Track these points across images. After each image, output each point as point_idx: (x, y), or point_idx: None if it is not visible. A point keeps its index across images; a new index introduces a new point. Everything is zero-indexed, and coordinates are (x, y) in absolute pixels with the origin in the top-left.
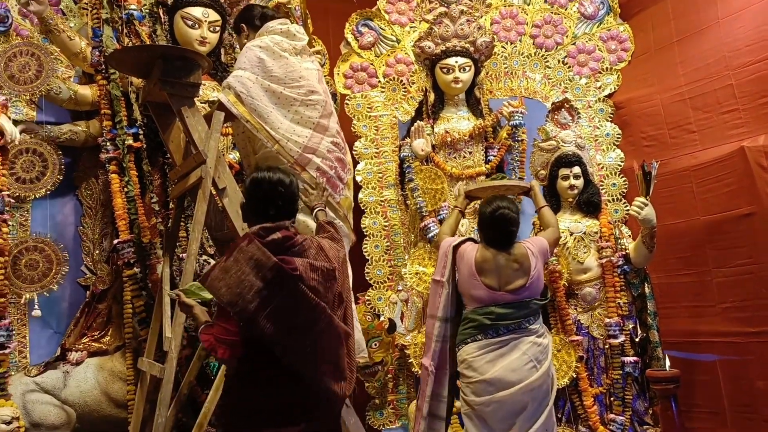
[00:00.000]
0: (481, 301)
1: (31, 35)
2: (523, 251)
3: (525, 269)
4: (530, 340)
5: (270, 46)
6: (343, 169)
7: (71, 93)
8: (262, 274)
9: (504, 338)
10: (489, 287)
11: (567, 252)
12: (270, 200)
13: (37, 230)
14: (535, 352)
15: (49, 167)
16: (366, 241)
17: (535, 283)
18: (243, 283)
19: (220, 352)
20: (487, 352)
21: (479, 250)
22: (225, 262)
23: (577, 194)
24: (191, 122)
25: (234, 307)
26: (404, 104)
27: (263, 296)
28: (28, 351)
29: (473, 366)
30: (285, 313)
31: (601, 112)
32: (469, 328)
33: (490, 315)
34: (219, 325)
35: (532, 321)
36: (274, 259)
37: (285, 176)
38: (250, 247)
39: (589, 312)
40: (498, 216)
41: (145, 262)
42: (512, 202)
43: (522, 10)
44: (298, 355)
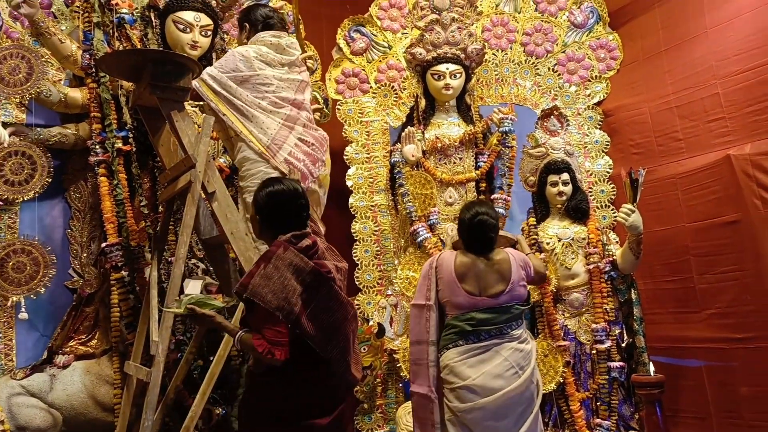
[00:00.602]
0: (462, 307)
1: (21, 38)
2: (504, 256)
3: (504, 274)
4: (512, 346)
5: (250, 58)
6: (313, 164)
7: (61, 96)
8: (302, 278)
9: (485, 344)
10: (469, 293)
11: (555, 258)
12: (291, 212)
13: (25, 233)
14: (517, 358)
15: (38, 170)
16: (356, 245)
17: (516, 289)
18: (287, 288)
19: (278, 354)
20: (467, 357)
21: (458, 256)
22: (264, 270)
23: (566, 200)
24: (181, 126)
25: (282, 311)
26: (395, 110)
27: (304, 299)
28: (15, 354)
29: (455, 371)
30: (323, 312)
31: (590, 120)
32: (450, 334)
33: (471, 321)
34: (270, 329)
35: (514, 326)
36: (311, 264)
37: (297, 185)
38: (288, 254)
39: (576, 317)
40: (477, 222)
41: (133, 266)
42: (491, 207)
43: (513, 18)
44: (334, 350)
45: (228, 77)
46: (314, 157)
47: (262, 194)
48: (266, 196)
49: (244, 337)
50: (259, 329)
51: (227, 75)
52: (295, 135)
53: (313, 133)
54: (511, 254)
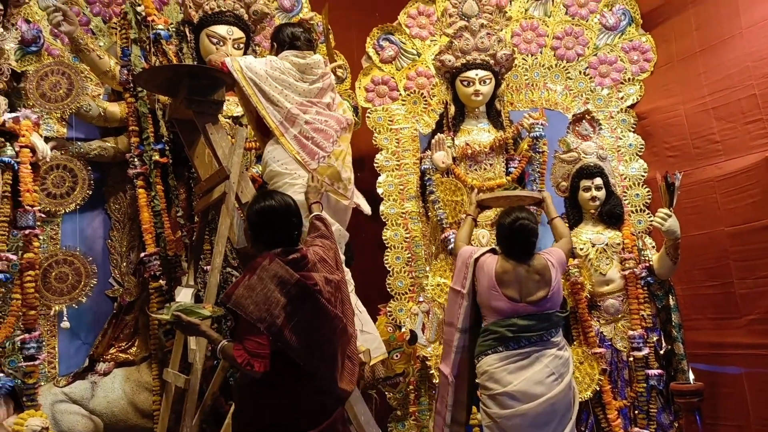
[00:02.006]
0: (502, 312)
1: (62, 55)
2: (544, 263)
3: (546, 280)
4: (552, 352)
5: (271, 69)
6: (326, 140)
7: (100, 110)
8: (286, 290)
9: (526, 350)
10: (510, 299)
11: (589, 263)
12: (281, 228)
13: (67, 244)
14: (557, 365)
15: (79, 182)
16: (387, 252)
17: (556, 295)
18: (269, 299)
19: (257, 365)
20: (508, 363)
21: (499, 262)
22: (249, 281)
23: (599, 205)
24: (215, 138)
25: (263, 322)
26: (425, 117)
27: (288, 311)
28: (57, 362)
29: (495, 377)
30: (307, 325)
31: (624, 123)
32: (489, 340)
33: (512, 327)
34: (251, 340)
35: (554, 333)
36: (296, 276)
37: (290, 200)
38: (273, 266)
39: (612, 324)
40: (517, 227)
41: (170, 275)
42: (531, 213)
43: (543, 22)
44: (320, 363)
45: (254, 62)
46: (327, 134)
47: (253, 209)
48: (256, 211)
49: (225, 347)
50: (241, 340)
51: (255, 62)
52: (308, 116)
53: (329, 113)
54: (549, 260)
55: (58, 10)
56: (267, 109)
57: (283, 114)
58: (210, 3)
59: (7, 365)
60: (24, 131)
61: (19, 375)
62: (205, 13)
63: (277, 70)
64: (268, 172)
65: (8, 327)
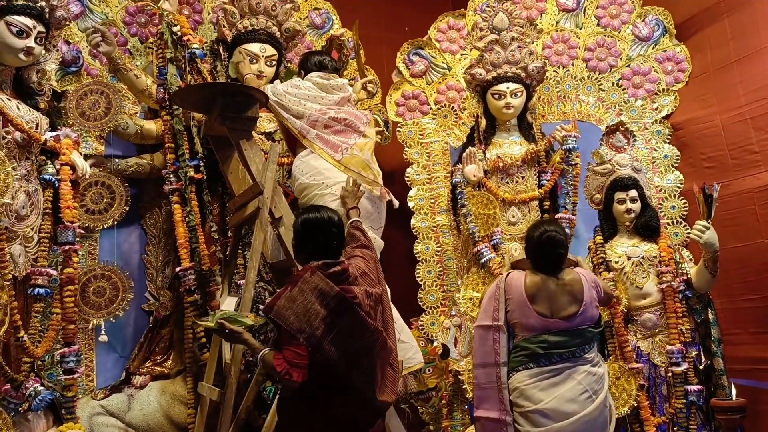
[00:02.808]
0: (533, 329)
1: (100, 74)
2: (575, 276)
3: (576, 295)
4: (585, 369)
5: (290, 87)
6: (349, 134)
7: (137, 128)
8: (326, 302)
9: (557, 367)
10: (541, 315)
11: (625, 277)
12: (324, 240)
13: (105, 259)
14: (591, 382)
15: (117, 199)
16: (418, 266)
17: (588, 310)
18: (310, 311)
19: (296, 375)
20: (539, 380)
21: (528, 276)
22: (290, 292)
23: (634, 218)
24: (249, 155)
25: (302, 333)
26: (455, 130)
27: (327, 323)
28: (95, 375)
29: (526, 394)
30: (347, 337)
31: (659, 134)
32: (520, 356)
33: (543, 343)
34: (290, 350)
35: (587, 349)
36: (336, 289)
37: (334, 215)
38: (314, 278)
39: (649, 338)
40: (546, 238)
41: (205, 289)
42: (559, 225)
43: (574, 34)
44: (359, 375)
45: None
46: (348, 129)
47: (298, 221)
48: (301, 222)
49: (266, 356)
50: (281, 350)
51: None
52: (328, 116)
53: (349, 110)
54: (581, 274)
55: (97, 31)
56: (289, 120)
57: (305, 120)
58: (243, 22)
59: (47, 378)
60: (64, 149)
61: (58, 388)
62: (239, 31)
63: (296, 87)
64: (297, 185)
65: (49, 341)
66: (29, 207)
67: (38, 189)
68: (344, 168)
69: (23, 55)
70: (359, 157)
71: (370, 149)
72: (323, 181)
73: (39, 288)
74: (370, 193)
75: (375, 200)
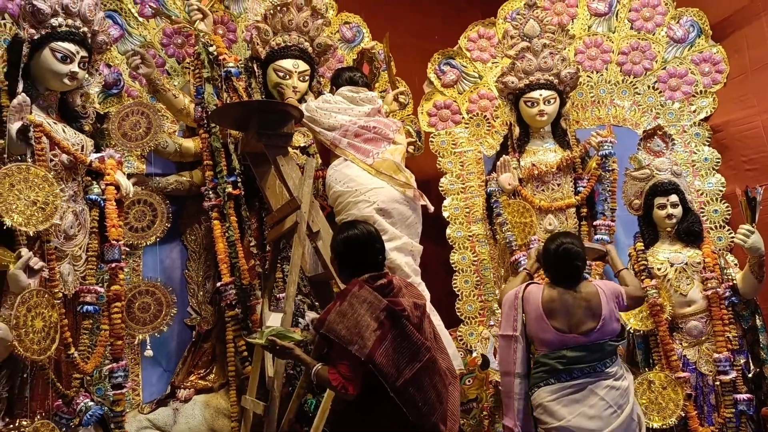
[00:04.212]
0: (551, 344)
1: (140, 95)
2: (593, 290)
3: (595, 310)
4: (607, 384)
5: (321, 103)
6: (379, 141)
7: (176, 146)
8: (375, 315)
9: (578, 382)
10: (558, 330)
11: (668, 284)
12: (366, 255)
13: (149, 275)
14: (614, 397)
15: (158, 216)
16: (455, 276)
17: (607, 325)
18: (360, 324)
19: (351, 389)
20: (561, 396)
21: (545, 290)
22: (340, 307)
23: (676, 223)
24: (286, 170)
25: (353, 345)
26: (489, 139)
27: (378, 335)
28: (141, 389)
29: (549, 410)
30: (397, 349)
31: (698, 137)
32: (540, 372)
33: (562, 359)
34: (344, 364)
35: (609, 364)
36: (385, 302)
37: (371, 227)
38: (362, 292)
39: (695, 347)
40: (562, 250)
41: (245, 303)
42: (576, 237)
43: (607, 38)
44: (408, 388)
45: (309, 102)
46: (378, 136)
47: (338, 239)
48: (342, 241)
49: (320, 371)
50: (335, 364)
51: (310, 102)
52: (358, 125)
53: (378, 118)
54: (600, 287)
55: (137, 53)
56: (321, 133)
57: (336, 131)
58: (276, 39)
59: (95, 393)
60: (109, 170)
61: (107, 403)
62: (272, 48)
63: (327, 102)
64: (332, 193)
65: (97, 357)
66: (77, 227)
67: (85, 209)
68: (376, 172)
69: (68, 79)
70: (390, 161)
71: (401, 153)
72: (356, 188)
73: (88, 305)
74: (404, 195)
75: (411, 204)
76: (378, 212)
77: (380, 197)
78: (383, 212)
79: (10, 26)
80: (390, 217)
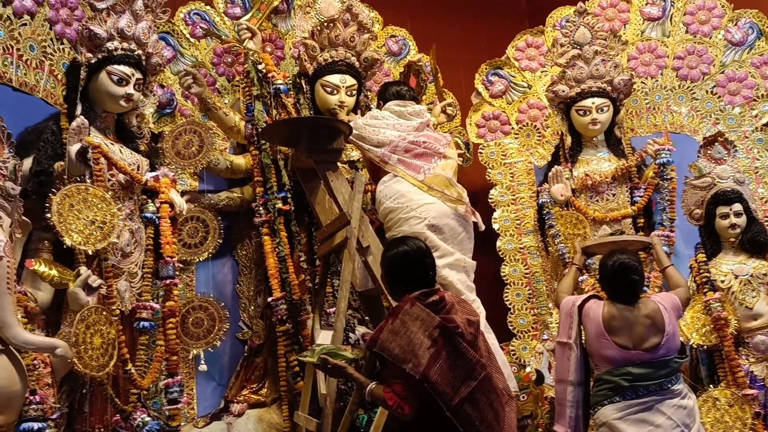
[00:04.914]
0: (614, 361)
1: (192, 114)
2: (654, 306)
3: (658, 325)
4: (674, 402)
5: (369, 119)
6: (430, 157)
7: (228, 163)
8: (428, 332)
9: (644, 400)
10: (621, 347)
11: (733, 297)
12: (417, 271)
13: (201, 290)
14: (682, 416)
15: (211, 232)
16: (506, 289)
17: (671, 340)
18: (413, 342)
19: (407, 408)
20: (627, 414)
21: (605, 307)
22: (392, 325)
23: (740, 233)
24: (335, 185)
25: (407, 363)
26: (539, 149)
27: (432, 353)
28: (196, 403)
29: (615, 429)
30: (449, 367)
31: (760, 143)
32: (604, 390)
33: (627, 376)
34: (398, 383)
35: (674, 381)
36: (438, 319)
37: (420, 243)
38: (414, 309)
39: (763, 362)
40: (618, 267)
41: (296, 318)
42: (633, 253)
43: (661, 42)
44: (464, 405)
45: (357, 119)
46: (429, 151)
47: (387, 256)
48: (392, 258)
49: (374, 390)
50: (389, 383)
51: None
52: (407, 141)
53: (428, 133)
54: (660, 303)
55: (189, 73)
56: (370, 151)
57: (386, 147)
58: (323, 54)
59: (151, 407)
60: (163, 188)
61: (162, 417)
62: (319, 64)
63: (375, 118)
64: (382, 209)
65: (154, 372)
66: (133, 244)
67: (140, 227)
68: (427, 188)
69: (124, 101)
70: (442, 176)
71: (452, 168)
72: (407, 204)
73: (144, 321)
74: (455, 211)
75: (461, 220)
76: (429, 228)
77: (431, 213)
78: (434, 228)
79: (69, 51)
80: (441, 233)
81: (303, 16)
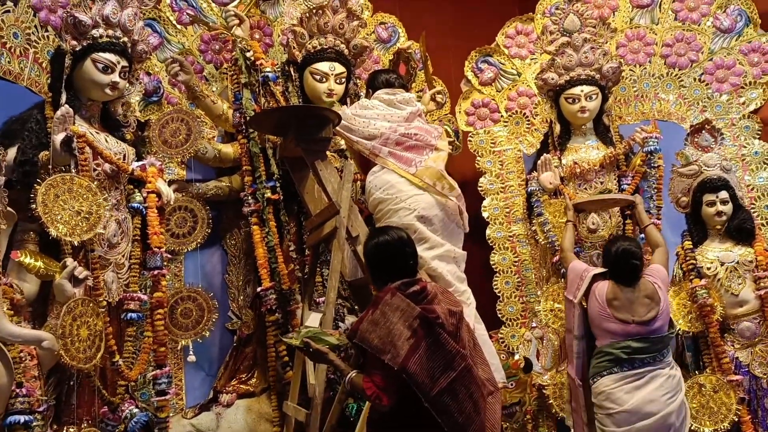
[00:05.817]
0: (615, 334)
1: (180, 102)
2: (651, 287)
3: (654, 297)
4: (666, 372)
5: (358, 109)
6: (421, 149)
7: (216, 152)
8: (408, 323)
9: (640, 371)
10: (621, 321)
11: (719, 284)
12: (397, 261)
13: (190, 281)
14: (671, 385)
15: (199, 222)
16: (496, 277)
17: (665, 314)
18: (392, 333)
19: (385, 399)
20: (623, 384)
21: (609, 287)
22: (372, 315)
23: (726, 221)
24: (324, 175)
25: (386, 354)
26: (528, 137)
27: (411, 344)
28: (184, 393)
29: (612, 398)
30: (428, 358)
31: (747, 130)
32: (604, 361)
33: (626, 349)
34: (378, 374)
35: (666, 353)
36: (418, 309)
37: (402, 233)
38: (395, 300)
39: (748, 348)
40: (621, 251)
41: (285, 308)
42: (633, 239)
43: (650, 30)
44: (443, 397)
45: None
46: (420, 143)
47: (369, 246)
48: (373, 247)
49: (354, 379)
50: (369, 373)
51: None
52: (398, 133)
53: (419, 125)
54: (655, 283)
55: (176, 61)
56: (359, 143)
57: (376, 140)
58: (312, 42)
59: (139, 398)
60: (150, 178)
61: (151, 409)
62: (308, 51)
63: (365, 108)
64: (372, 200)
65: (142, 364)
66: (120, 235)
67: (127, 217)
68: (419, 180)
69: (109, 89)
70: (433, 168)
71: (443, 160)
72: (396, 195)
73: (132, 313)
74: (444, 204)
75: (455, 232)
76: (419, 220)
77: (420, 204)
78: (424, 220)
79: (53, 38)
80: (431, 225)
81: (292, 2)
